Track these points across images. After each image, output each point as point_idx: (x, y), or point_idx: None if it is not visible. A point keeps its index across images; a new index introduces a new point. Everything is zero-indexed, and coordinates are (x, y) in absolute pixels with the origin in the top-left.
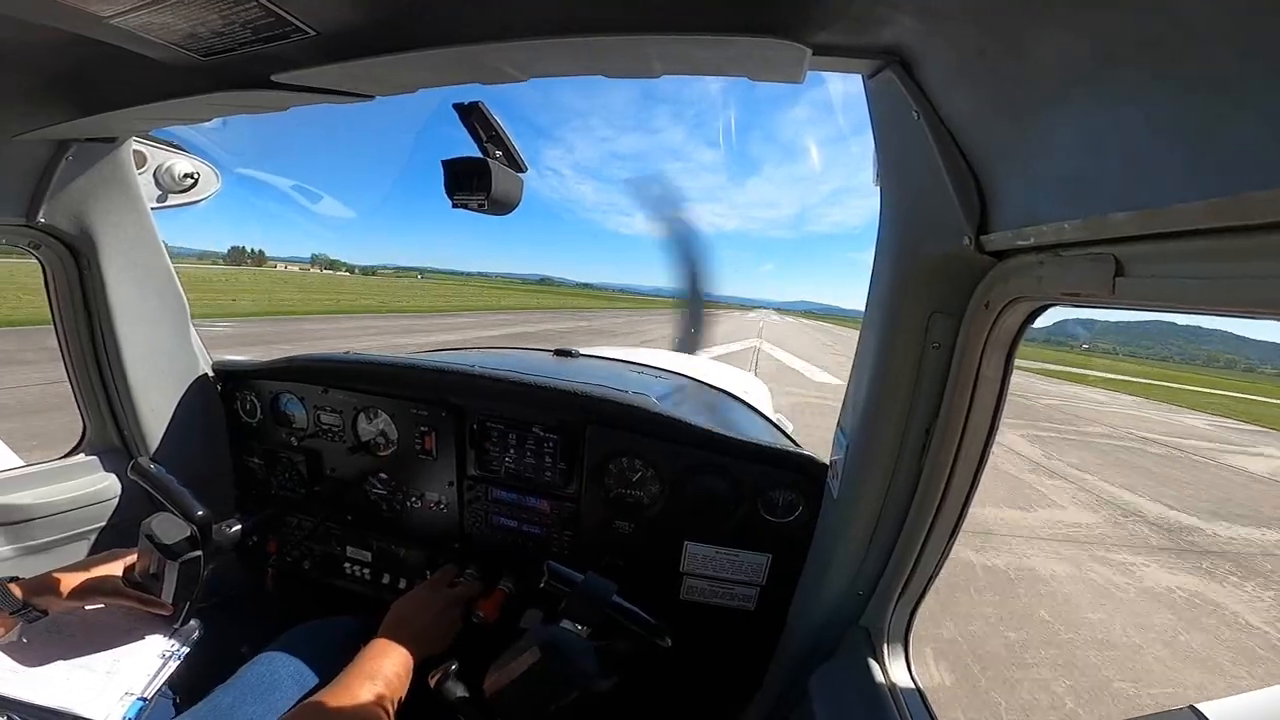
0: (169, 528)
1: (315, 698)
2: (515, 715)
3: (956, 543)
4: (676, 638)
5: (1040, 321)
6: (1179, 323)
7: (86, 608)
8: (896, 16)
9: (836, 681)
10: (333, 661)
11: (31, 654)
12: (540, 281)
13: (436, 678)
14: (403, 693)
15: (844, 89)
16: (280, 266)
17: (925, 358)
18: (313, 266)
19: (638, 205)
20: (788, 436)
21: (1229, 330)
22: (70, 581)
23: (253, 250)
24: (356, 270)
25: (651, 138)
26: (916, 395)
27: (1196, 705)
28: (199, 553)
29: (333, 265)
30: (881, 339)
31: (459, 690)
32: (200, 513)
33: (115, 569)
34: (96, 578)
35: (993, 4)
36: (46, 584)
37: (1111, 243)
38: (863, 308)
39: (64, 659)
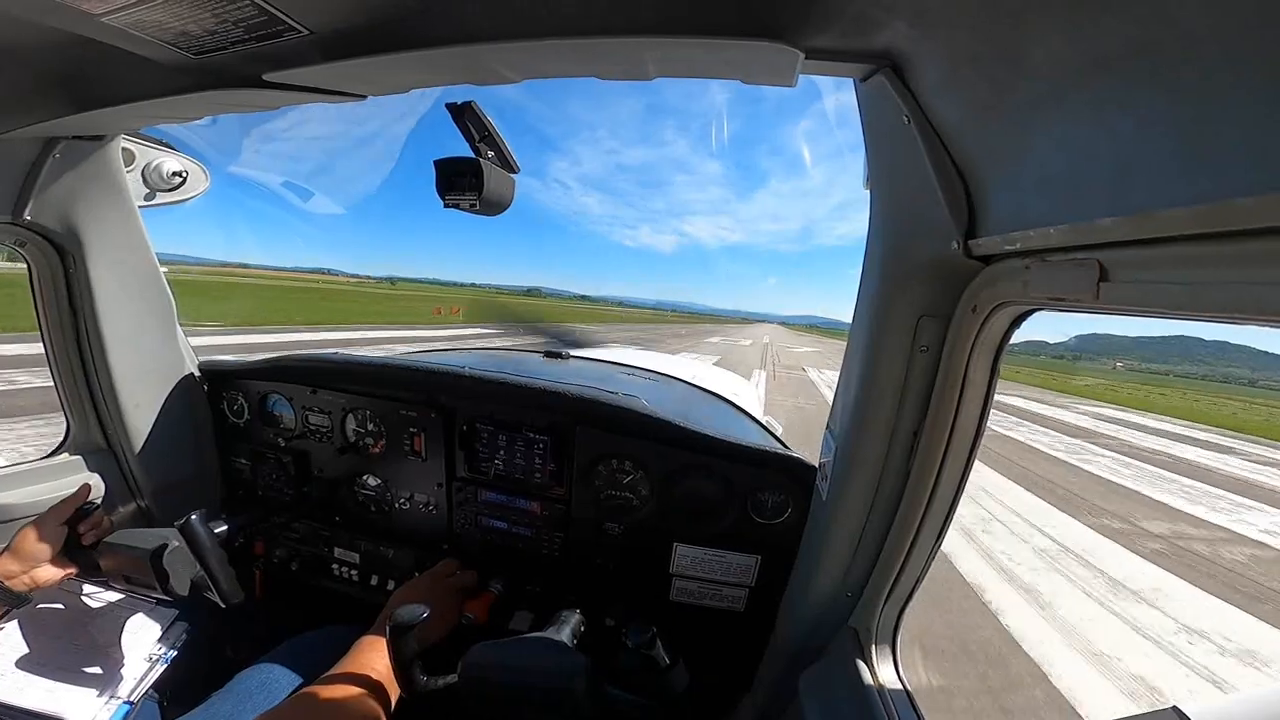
0: (180, 570)
1: (307, 690)
2: (482, 699)
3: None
4: (666, 639)
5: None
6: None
7: (61, 581)
8: (889, 21)
9: (825, 682)
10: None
11: (16, 656)
12: (527, 293)
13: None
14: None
15: (851, 100)
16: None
17: (913, 360)
18: None
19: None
20: (777, 439)
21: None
22: (33, 553)
23: None
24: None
25: (658, 150)
26: (904, 398)
27: (1179, 706)
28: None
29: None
30: (870, 341)
31: (412, 645)
32: (233, 599)
33: (59, 530)
34: (56, 548)
35: (985, 9)
36: (12, 568)
37: (1096, 248)
38: None
39: (49, 662)
